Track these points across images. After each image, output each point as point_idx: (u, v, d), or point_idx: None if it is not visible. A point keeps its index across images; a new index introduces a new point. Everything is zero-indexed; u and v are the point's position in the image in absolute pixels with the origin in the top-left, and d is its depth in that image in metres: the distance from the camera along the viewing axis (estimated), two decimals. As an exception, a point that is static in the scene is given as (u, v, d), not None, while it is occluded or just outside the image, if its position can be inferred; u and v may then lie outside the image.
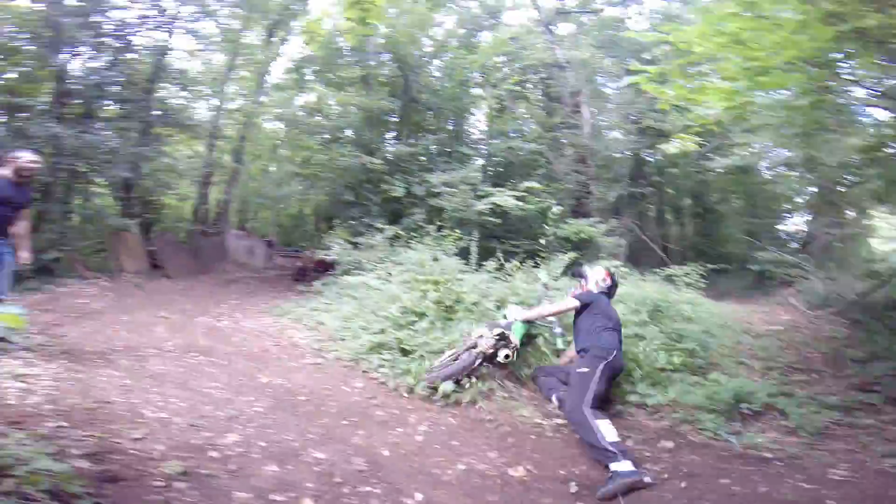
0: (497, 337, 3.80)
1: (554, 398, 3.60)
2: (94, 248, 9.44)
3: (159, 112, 10.49)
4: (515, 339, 3.87)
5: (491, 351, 3.80)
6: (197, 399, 3.42)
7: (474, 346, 3.88)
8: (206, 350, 4.75)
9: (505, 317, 4.18)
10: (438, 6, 12.31)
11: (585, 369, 3.24)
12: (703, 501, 2.48)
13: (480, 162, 10.34)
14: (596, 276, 3.96)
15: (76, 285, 7.66)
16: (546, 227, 7.61)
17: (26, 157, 4.10)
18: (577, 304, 3.72)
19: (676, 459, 2.96)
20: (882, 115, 5.12)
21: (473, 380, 3.82)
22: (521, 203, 9.00)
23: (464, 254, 6.95)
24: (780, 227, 14.47)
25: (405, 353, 4.31)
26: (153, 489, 2.22)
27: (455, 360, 3.85)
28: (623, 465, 2.70)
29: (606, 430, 2.89)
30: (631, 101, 11.87)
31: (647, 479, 2.70)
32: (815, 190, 11.84)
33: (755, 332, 6.08)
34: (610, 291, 3.93)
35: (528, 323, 4.21)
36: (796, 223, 15.04)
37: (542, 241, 6.88)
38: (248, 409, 3.37)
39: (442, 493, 2.56)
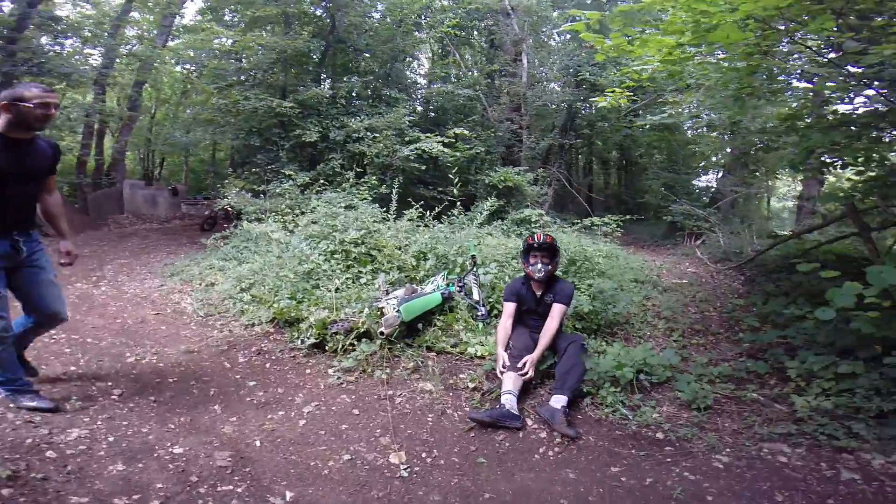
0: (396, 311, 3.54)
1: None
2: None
3: (24, 62, 9.19)
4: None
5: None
6: (44, 389, 2.92)
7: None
8: (72, 326, 4.07)
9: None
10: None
11: None
12: (589, 497, 2.37)
13: (412, 105, 9.71)
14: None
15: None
16: (450, 175, 7.35)
17: (34, 93, 2.44)
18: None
19: (575, 441, 2.84)
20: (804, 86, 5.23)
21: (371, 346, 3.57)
22: (448, 150, 8.56)
23: (385, 201, 6.55)
24: (694, 182, 15.14)
25: (299, 321, 3.92)
26: (-30, 500, 1.84)
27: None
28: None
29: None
30: (571, 53, 11.91)
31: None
32: (729, 150, 12.46)
33: (663, 286, 6.28)
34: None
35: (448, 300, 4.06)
36: (709, 180, 15.88)
37: (454, 191, 6.56)
38: (103, 397, 2.92)
39: (317, 489, 2.29)
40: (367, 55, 10.74)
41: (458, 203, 6.02)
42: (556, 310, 3.40)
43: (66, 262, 2.88)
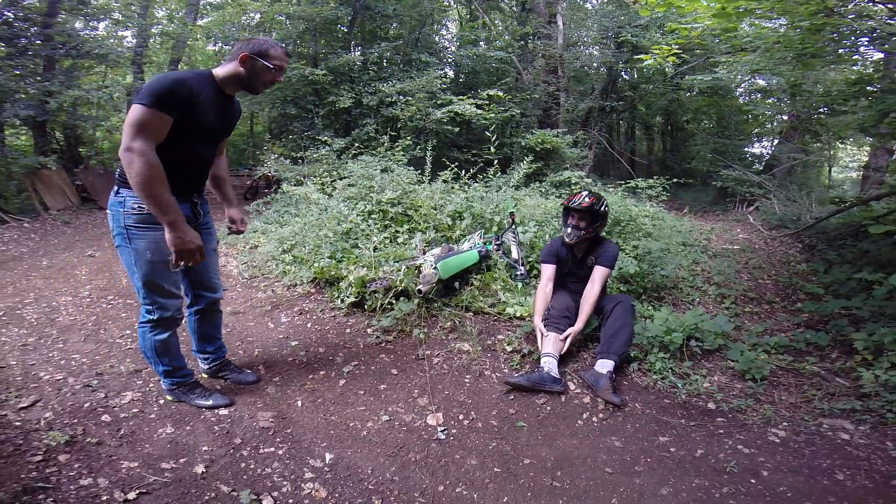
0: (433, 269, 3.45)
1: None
2: (13, 190, 8.65)
3: (61, 45, 9.40)
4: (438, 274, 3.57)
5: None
6: (102, 353, 3.06)
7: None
8: (126, 291, 4.28)
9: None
10: None
11: None
12: (635, 466, 2.25)
13: (443, 70, 9.46)
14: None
15: (-7, 231, 7.01)
16: (487, 133, 7.09)
17: (278, 53, 2.17)
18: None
19: (620, 408, 2.71)
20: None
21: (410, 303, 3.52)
22: (482, 112, 8.30)
23: (419, 164, 6.47)
24: (746, 149, 14.29)
25: (339, 280, 3.89)
26: (29, 465, 1.92)
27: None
28: None
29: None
30: (609, 14, 11.41)
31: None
32: (785, 117, 11.62)
33: (712, 250, 6.00)
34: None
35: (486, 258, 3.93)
36: (763, 147, 14.93)
37: (492, 149, 6.34)
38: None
39: (356, 451, 2.27)
40: (395, 21, 10.48)
41: (496, 162, 5.80)
42: (599, 273, 3.13)
43: (237, 230, 2.62)
